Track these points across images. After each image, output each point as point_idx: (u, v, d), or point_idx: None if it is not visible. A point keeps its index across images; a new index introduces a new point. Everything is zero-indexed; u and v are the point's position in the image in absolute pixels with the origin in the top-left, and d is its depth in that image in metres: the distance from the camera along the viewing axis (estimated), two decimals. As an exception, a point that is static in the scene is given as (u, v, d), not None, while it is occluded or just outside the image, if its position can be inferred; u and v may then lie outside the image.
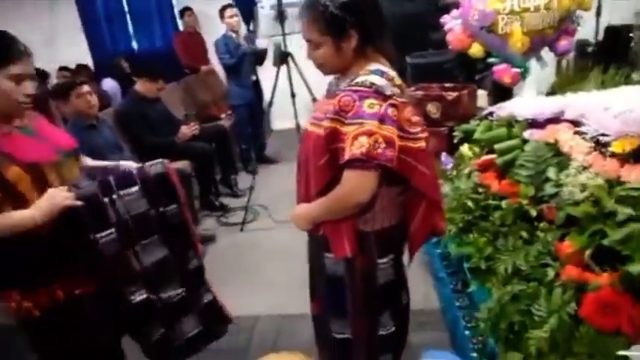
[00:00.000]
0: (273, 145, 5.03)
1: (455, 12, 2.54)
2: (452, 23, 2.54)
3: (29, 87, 1.31)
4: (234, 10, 4.21)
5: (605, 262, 1.31)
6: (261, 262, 3.02)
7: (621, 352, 0.99)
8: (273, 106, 3.60)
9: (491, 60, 2.58)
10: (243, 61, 4.26)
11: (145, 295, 1.50)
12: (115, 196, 1.43)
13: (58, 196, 1.29)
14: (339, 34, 1.25)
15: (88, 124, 2.89)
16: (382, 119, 1.19)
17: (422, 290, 2.40)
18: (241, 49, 4.18)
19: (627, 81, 2.10)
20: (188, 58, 5.40)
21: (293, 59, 3.30)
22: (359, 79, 1.23)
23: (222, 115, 4.83)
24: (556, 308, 1.33)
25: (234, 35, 4.25)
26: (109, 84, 5.17)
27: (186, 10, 5.47)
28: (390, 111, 1.20)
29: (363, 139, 1.17)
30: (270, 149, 4.97)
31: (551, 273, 1.46)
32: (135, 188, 1.48)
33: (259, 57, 4.47)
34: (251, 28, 5.63)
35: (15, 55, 1.25)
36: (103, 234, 1.39)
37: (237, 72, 4.31)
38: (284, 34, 3.31)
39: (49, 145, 1.40)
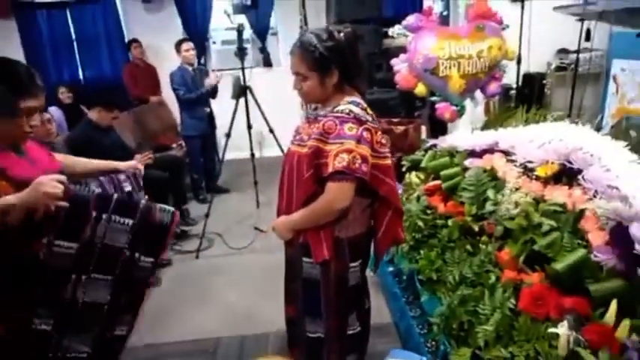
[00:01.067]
0: (223, 175, 5.12)
1: (402, 56, 2.88)
2: (399, 65, 2.87)
3: (37, 119, 1.40)
4: (191, 44, 4.34)
5: (535, 264, 1.58)
6: (219, 286, 3.05)
7: (551, 330, 1.23)
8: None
9: (433, 98, 2.93)
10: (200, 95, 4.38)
11: (47, 328, 1.36)
12: (104, 216, 1.38)
13: (47, 184, 1.22)
14: (324, 70, 1.48)
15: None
16: (359, 140, 1.42)
17: (375, 306, 2.59)
18: (201, 90, 4.31)
19: (544, 119, 2.49)
20: (137, 89, 5.43)
21: (252, 92, 3.49)
22: (340, 108, 1.47)
23: (173, 145, 4.88)
24: (498, 305, 1.56)
25: (189, 68, 4.37)
26: (54, 112, 5.05)
27: (133, 42, 5.54)
28: (365, 134, 1.44)
29: (344, 156, 1.39)
30: (220, 179, 5.05)
31: (492, 277, 1.71)
32: (129, 221, 1.42)
33: (213, 90, 4.62)
34: (202, 61, 5.80)
35: (33, 90, 1.34)
36: (64, 244, 1.31)
37: (191, 104, 4.41)
38: (243, 69, 3.49)
39: (38, 167, 1.46)
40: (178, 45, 4.35)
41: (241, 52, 3.38)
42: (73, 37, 5.76)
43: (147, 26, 5.67)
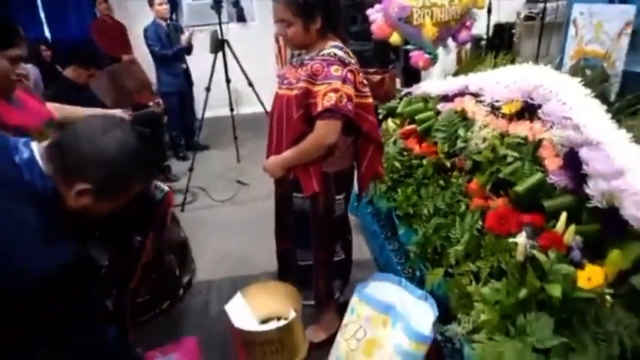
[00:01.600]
0: (203, 132, 5.16)
1: (377, 6, 2.94)
2: (375, 15, 2.94)
3: (21, 67, 1.46)
4: (164, -2, 4.27)
5: (500, 191, 1.76)
6: (207, 236, 3.16)
7: (511, 240, 1.42)
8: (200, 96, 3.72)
9: (408, 47, 3.03)
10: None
11: None
12: None
13: None
14: (307, 17, 1.57)
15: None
16: (344, 80, 1.54)
17: (355, 244, 2.79)
18: (177, 47, 4.27)
19: (512, 63, 2.63)
20: (108, 47, 5.30)
21: (229, 46, 3.51)
22: (325, 51, 1.58)
23: (151, 103, 4.86)
24: (467, 228, 1.75)
25: (163, 23, 4.31)
26: (31, 70, 4.92)
27: None
28: (349, 75, 1.56)
29: (332, 95, 1.51)
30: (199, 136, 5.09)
31: (463, 206, 1.89)
32: None
33: (188, 47, 4.58)
34: (173, 17, 5.68)
35: (16, 39, 1.39)
36: None
37: (167, 60, 4.38)
38: (220, 23, 3.49)
39: (32, 114, 1.53)
40: (151, -1, 4.27)
41: (218, 6, 3.38)
42: (36, -6, 5.53)
43: (114, -20, 5.49)
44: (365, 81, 1.72)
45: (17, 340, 0.93)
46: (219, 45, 3.47)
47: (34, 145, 0.96)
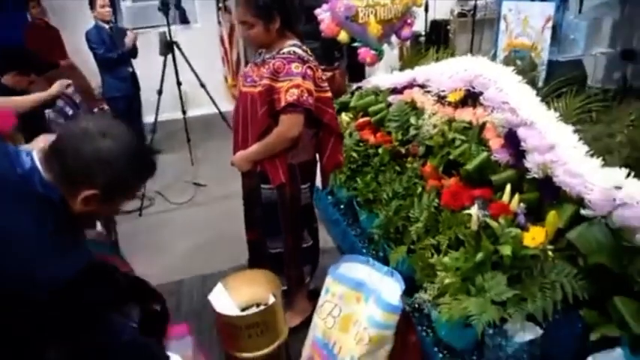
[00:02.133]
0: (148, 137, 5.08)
1: (325, 6, 3.09)
2: (323, 15, 3.08)
3: None
4: (106, 0, 4.16)
5: (451, 171, 1.96)
6: (169, 238, 3.18)
7: (465, 212, 1.60)
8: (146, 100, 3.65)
9: (355, 44, 3.19)
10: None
11: None
12: None
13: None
14: (267, 17, 1.67)
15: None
16: (304, 76, 1.65)
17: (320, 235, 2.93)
18: (122, 49, 4.18)
19: (452, 57, 2.87)
20: (44, 53, 5.07)
21: (179, 48, 3.51)
22: (285, 50, 1.69)
23: (95, 110, 4.72)
24: (425, 207, 1.93)
25: (106, 26, 4.21)
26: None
27: (30, 1, 5.10)
28: (309, 71, 1.68)
29: (294, 90, 1.62)
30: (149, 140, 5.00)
31: (419, 188, 2.06)
32: None
33: (133, 50, 4.50)
34: (112, 20, 5.53)
35: None
36: None
37: (112, 64, 4.27)
38: (169, 25, 3.49)
39: (2, 118, 1.53)
40: (92, 1, 4.15)
41: (165, 8, 3.38)
42: (-42, -2, 5.18)
43: (45, -18, 5.25)
44: (323, 76, 1.84)
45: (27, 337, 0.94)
46: (168, 47, 3.46)
47: (35, 154, 0.95)
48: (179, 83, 3.69)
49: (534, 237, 1.43)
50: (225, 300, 1.71)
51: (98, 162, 0.92)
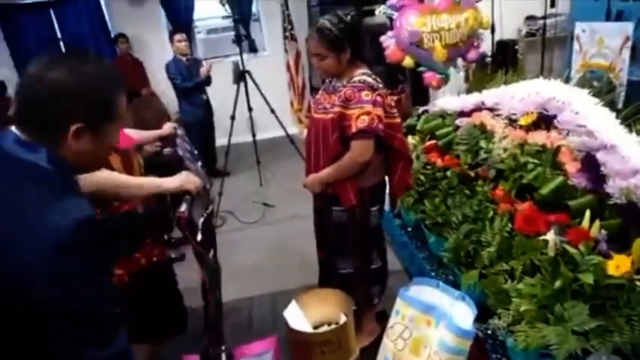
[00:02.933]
0: (221, 159, 5.35)
1: (389, 32, 3.17)
2: (388, 41, 3.16)
3: None
4: (183, 36, 4.53)
5: (524, 195, 1.93)
6: (240, 256, 3.31)
7: (541, 238, 1.57)
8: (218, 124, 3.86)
9: (420, 69, 3.23)
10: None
11: None
12: None
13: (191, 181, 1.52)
14: (339, 49, 1.77)
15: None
16: (374, 104, 1.73)
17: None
18: (197, 79, 4.52)
19: (523, 79, 2.83)
20: (129, 83, 5.56)
21: (251, 76, 3.74)
22: (355, 79, 1.78)
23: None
24: (497, 231, 1.90)
25: (183, 58, 4.57)
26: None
27: (119, 37, 5.65)
28: (379, 98, 1.76)
29: (365, 117, 1.71)
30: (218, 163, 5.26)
31: (490, 212, 2.05)
32: None
33: (207, 79, 4.84)
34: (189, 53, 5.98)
35: None
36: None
37: (188, 92, 4.62)
38: (241, 54, 3.73)
39: (125, 136, 1.73)
40: (172, 36, 4.54)
41: (238, 39, 3.61)
42: (59, 36, 5.82)
43: (131, 20, 5.78)
44: (392, 102, 1.91)
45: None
46: (241, 76, 3.69)
47: (13, 128, 0.90)
48: (250, 109, 3.90)
49: (619, 265, 1.38)
50: (299, 317, 1.78)
51: (59, 94, 0.87)
